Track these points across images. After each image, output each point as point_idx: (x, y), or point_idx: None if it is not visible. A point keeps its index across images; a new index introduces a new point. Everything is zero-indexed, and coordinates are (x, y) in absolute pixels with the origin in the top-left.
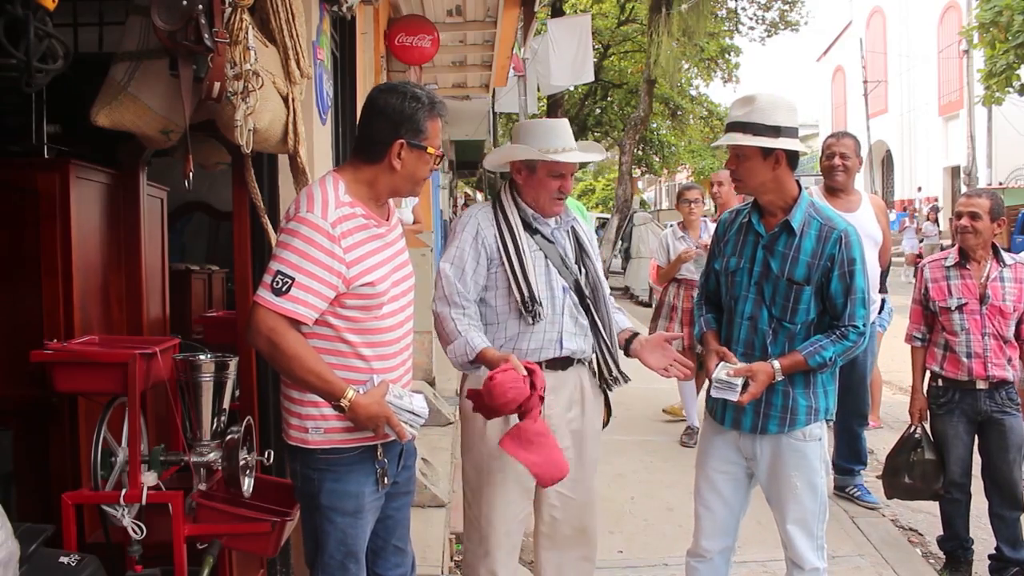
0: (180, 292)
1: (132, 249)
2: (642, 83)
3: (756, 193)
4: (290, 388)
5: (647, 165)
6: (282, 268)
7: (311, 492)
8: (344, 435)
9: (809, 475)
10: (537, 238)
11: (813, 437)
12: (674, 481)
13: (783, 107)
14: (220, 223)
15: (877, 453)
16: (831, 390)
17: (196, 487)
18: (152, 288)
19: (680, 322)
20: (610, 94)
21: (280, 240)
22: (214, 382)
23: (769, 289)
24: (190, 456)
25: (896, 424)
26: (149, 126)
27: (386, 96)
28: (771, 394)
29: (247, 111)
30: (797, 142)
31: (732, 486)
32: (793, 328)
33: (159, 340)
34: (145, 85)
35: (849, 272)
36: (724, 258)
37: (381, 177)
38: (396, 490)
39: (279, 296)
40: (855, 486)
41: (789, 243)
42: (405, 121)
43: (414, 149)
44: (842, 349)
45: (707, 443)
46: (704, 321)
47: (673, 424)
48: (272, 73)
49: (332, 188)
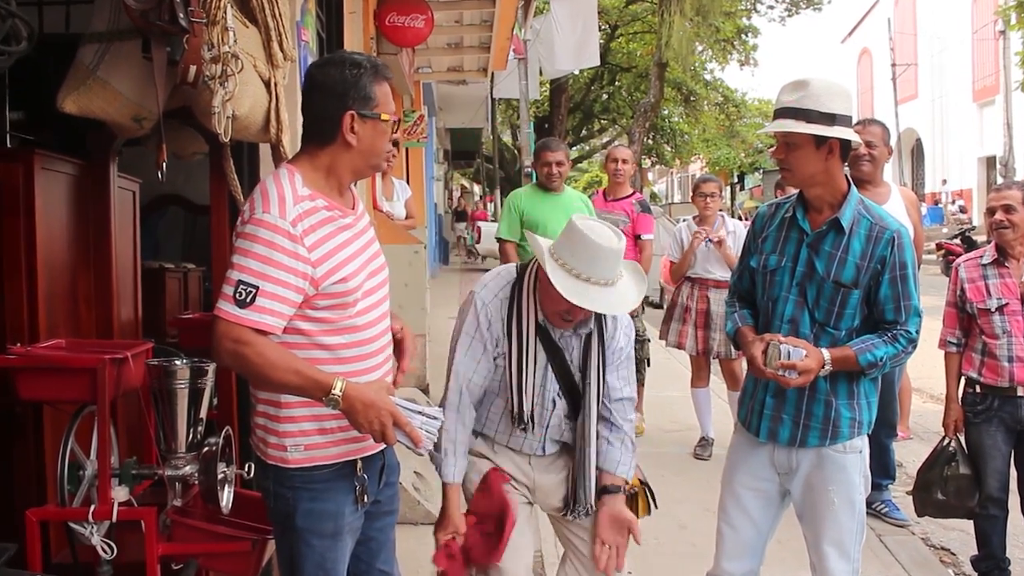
0: (153, 292)
1: (102, 246)
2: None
3: (804, 186)
4: (265, 404)
5: (658, 155)
6: (244, 277)
7: (286, 512)
8: (326, 451)
9: (848, 491)
10: (543, 338)
11: (854, 450)
12: (686, 496)
13: (838, 93)
14: (197, 218)
15: (907, 466)
16: (873, 402)
17: (171, 503)
18: (123, 288)
19: (694, 324)
20: (618, 78)
21: (238, 246)
22: (190, 389)
23: (813, 291)
24: (164, 469)
25: (926, 435)
26: (120, 113)
27: (324, 69)
28: (812, 403)
29: (226, 97)
30: (852, 132)
31: (761, 504)
32: (837, 335)
33: (131, 344)
34: (116, 69)
35: (901, 276)
36: (762, 255)
37: (338, 159)
38: (378, 509)
39: (244, 308)
40: (883, 502)
41: (837, 242)
42: (350, 90)
43: (367, 120)
44: (893, 352)
45: (737, 456)
46: (739, 316)
47: (686, 434)
48: (253, 56)
49: (288, 182)
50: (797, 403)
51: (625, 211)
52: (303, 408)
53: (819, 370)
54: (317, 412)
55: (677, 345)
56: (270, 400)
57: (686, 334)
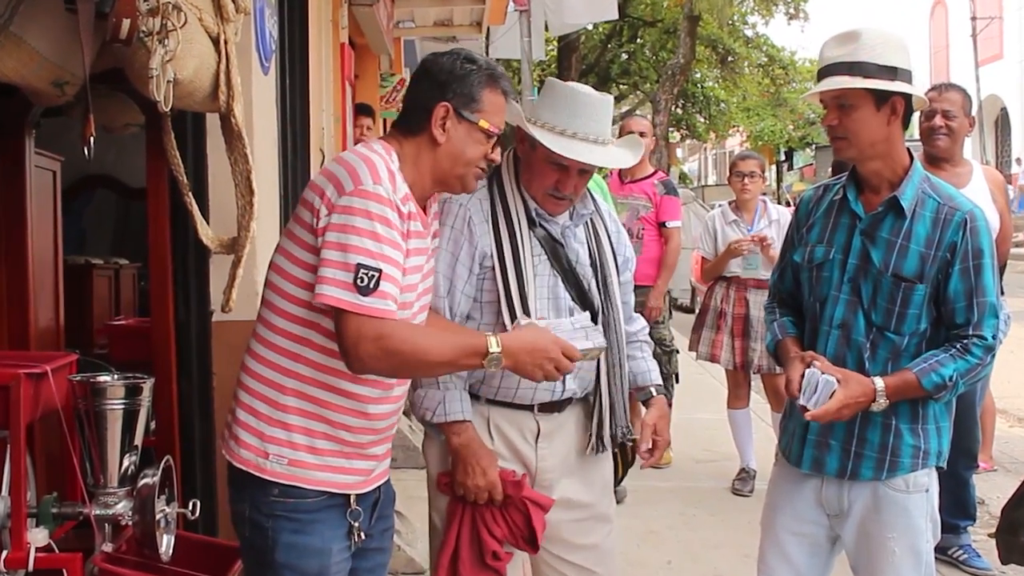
0: (78, 293)
1: (15, 236)
2: (682, 21)
3: (861, 159)
4: (256, 397)
5: (689, 127)
6: (363, 260)
7: (262, 546)
8: (311, 474)
9: (912, 538)
10: (542, 237)
11: (919, 487)
12: (723, 540)
13: (895, 44)
14: (131, 203)
15: (989, 504)
16: (944, 427)
17: (99, 548)
18: (42, 287)
19: (730, 332)
20: (640, 35)
21: (342, 223)
22: (124, 411)
23: (868, 288)
24: (91, 508)
25: (1013, 466)
26: (37, 76)
27: (438, 58)
28: (866, 427)
29: (165, 57)
30: (914, 87)
31: (807, 552)
32: (899, 341)
33: (51, 356)
34: (32, 22)
35: (975, 267)
36: (807, 247)
37: (423, 154)
38: (368, 546)
39: (368, 295)
40: (961, 547)
41: (896, 228)
42: (454, 82)
43: (463, 120)
44: (965, 368)
45: (778, 494)
46: (779, 326)
47: (722, 465)
48: (199, 8)
49: (387, 156)
50: (848, 426)
51: (646, 194)
52: (303, 418)
53: (860, 404)
54: (317, 427)
55: (710, 358)
56: (265, 396)
57: (721, 344)
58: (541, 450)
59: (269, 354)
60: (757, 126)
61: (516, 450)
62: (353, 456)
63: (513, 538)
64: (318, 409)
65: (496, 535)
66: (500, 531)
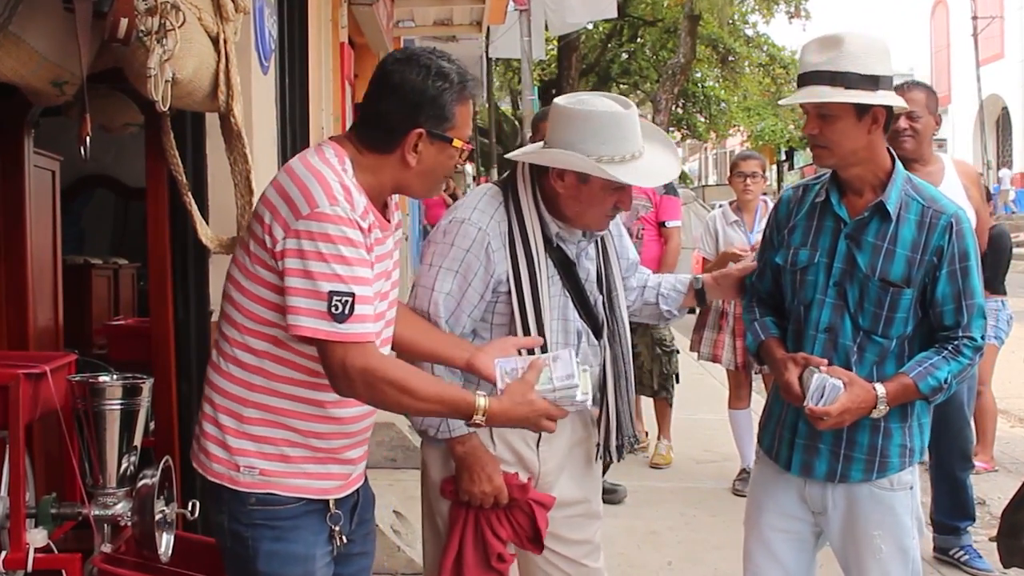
0: (78, 293)
1: (14, 236)
2: (682, 20)
3: (842, 166)
4: (222, 411)
5: (689, 127)
6: (335, 287)
7: (244, 555)
8: (285, 481)
9: (898, 534)
10: (557, 258)
11: (903, 485)
12: (724, 541)
13: (878, 51)
14: (130, 203)
15: (990, 505)
16: (926, 424)
17: (98, 549)
18: (40, 287)
19: (731, 332)
20: (641, 34)
21: (300, 250)
22: (122, 411)
23: (855, 292)
24: (90, 508)
25: (1014, 466)
26: (36, 76)
27: (405, 70)
28: (856, 429)
29: (164, 56)
30: (899, 97)
31: (794, 548)
32: (886, 344)
33: (50, 356)
34: (31, 22)
35: (962, 270)
36: (790, 250)
37: (387, 169)
38: (350, 551)
39: (344, 322)
40: (962, 548)
41: (882, 231)
42: (427, 104)
43: (436, 140)
44: (958, 369)
45: (762, 492)
46: (760, 326)
47: (723, 465)
48: (198, 7)
49: (339, 165)
50: (837, 429)
51: (645, 194)
52: (268, 428)
53: (862, 410)
54: (283, 435)
55: (712, 358)
56: (229, 409)
57: (722, 344)
58: (543, 453)
59: (230, 367)
60: (758, 126)
61: (519, 454)
62: (327, 461)
63: (518, 539)
64: (282, 419)
65: (501, 537)
66: (505, 533)
